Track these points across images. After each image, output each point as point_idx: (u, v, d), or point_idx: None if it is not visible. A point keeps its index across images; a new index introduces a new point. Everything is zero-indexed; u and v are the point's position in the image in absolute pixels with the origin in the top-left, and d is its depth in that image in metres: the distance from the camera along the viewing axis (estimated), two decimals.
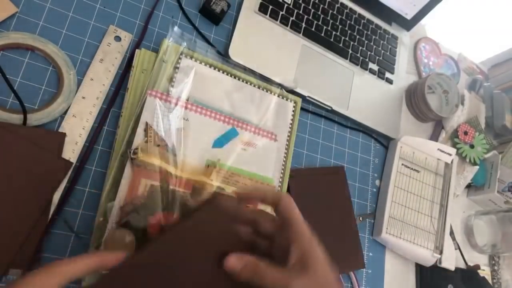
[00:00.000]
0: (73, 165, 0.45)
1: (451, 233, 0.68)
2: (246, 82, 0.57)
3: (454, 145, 0.74)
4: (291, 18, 0.65)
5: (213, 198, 0.37)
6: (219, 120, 0.53)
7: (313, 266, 0.32)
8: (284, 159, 0.57)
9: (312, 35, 0.67)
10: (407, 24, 0.78)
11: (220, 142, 0.52)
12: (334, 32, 0.69)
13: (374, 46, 0.74)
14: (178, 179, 0.47)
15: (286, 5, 0.65)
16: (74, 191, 0.45)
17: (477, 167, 0.75)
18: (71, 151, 0.46)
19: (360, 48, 0.72)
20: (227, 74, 0.55)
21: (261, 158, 0.54)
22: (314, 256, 0.32)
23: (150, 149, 0.46)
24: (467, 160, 0.74)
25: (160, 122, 0.48)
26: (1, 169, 0.41)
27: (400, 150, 0.68)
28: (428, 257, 0.64)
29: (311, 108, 0.65)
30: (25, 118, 0.43)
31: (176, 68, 0.52)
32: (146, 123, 0.47)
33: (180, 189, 0.47)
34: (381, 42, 0.75)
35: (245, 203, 0.37)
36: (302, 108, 0.62)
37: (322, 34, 0.68)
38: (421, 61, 0.82)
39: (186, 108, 0.51)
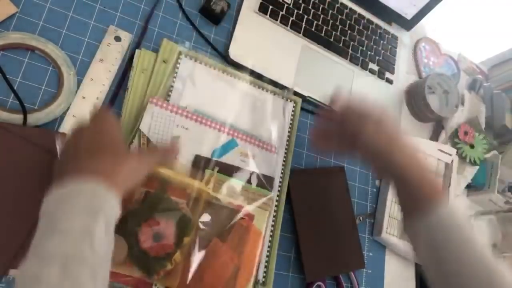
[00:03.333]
0: None
1: None
2: (246, 82, 0.57)
3: (454, 145, 0.74)
4: (291, 18, 0.65)
5: None
6: (219, 130, 0.52)
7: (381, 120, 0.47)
8: (284, 159, 0.57)
9: (312, 35, 0.67)
10: (407, 24, 0.78)
11: (219, 152, 0.52)
12: (334, 32, 0.69)
13: (374, 46, 0.74)
14: (174, 187, 0.47)
15: (286, 5, 0.65)
16: None
17: (477, 167, 0.75)
18: None
19: (360, 48, 0.72)
20: (227, 74, 0.55)
21: (259, 170, 0.54)
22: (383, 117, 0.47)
23: None
24: (467, 160, 0.74)
25: (157, 129, 0.48)
26: (1, 169, 0.41)
27: None
28: None
29: (311, 108, 0.65)
30: (25, 118, 0.43)
31: (176, 69, 0.52)
32: (140, 131, 0.47)
33: (176, 198, 0.46)
34: (381, 42, 0.75)
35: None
36: (302, 108, 0.62)
37: (322, 34, 0.68)
38: (421, 61, 0.82)
39: (186, 117, 0.51)
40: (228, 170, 0.51)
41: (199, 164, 0.50)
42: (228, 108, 0.54)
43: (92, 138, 0.37)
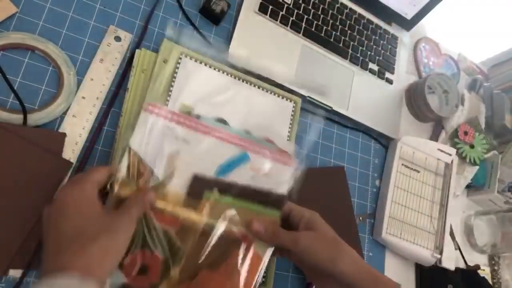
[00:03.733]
0: (73, 165, 0.45)
1: (451, 233, 0.68)
2: (246, 83, 0.57)
3: (454, 145, 0.74)
4: (291, 18, 0.65)
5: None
6: (227, 142, 0.45)
7: (316, 226, 0.43)
8: None
9: (312, 35, 0.67)
10: (407, 24, 0.78)
11: (225, 170, 0.44)
12: (334, 32, 0.69)
13: (374, 46, 0.74)
14: (164, 214, 0.41)
15: (286, 5, 0.65)
16: None
17: (477, 167, 0.75)
18: (71, 151, 0.46)
19: (360, 48, 0.72)
20: (227, 74, 0.55)
21: (271, 186, 0.46)
22: (316, 220, 0.44)
23: (131, 181, 0.41)
24: (467, 160, 0.74)
25: (150, 145, 0.42)
26: (1, 169, 0.41)
27: (400, 150, 0.68)
28: (428, 257, 0.64)
29: (311, 108, 0.65)
30: (25, 118, 0.43)
31: (176, 69, 0.52)
32: (129, 149, 0.41)
33: (165, 225, 0.41)
34: (381, 42, 0.75)
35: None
36: (302, 108, 0.62)
37: (322, 34, 0.68)
38: (421, 61, 0.82)
39: (185, 125, 0.44)
40: (233, 191, 0.44)
41: (198, 186, 0.43)
42: (231, 111, 0.53)
43: (55, 227, 0.35)
